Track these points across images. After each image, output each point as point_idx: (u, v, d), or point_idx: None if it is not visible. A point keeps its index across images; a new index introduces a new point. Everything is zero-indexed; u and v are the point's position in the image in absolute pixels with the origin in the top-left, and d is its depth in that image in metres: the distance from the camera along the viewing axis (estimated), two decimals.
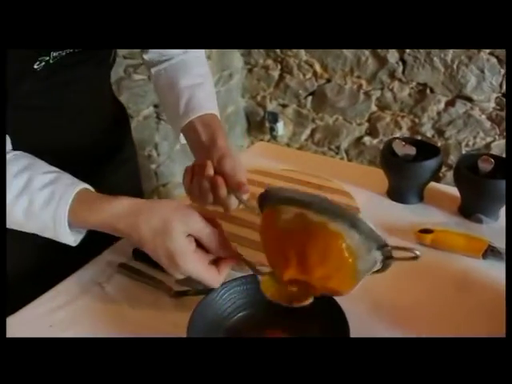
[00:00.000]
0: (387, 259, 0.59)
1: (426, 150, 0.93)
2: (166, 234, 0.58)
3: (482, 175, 0.85)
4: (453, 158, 1.98)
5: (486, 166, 0.85)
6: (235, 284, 0.69)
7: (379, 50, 1.93)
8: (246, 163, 1.12)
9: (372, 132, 2.12)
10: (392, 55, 1.92)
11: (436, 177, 0.93)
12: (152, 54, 0.90)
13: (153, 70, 0.91)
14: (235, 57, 2.25)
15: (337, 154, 2.25)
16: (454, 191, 0.94)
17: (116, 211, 0.60)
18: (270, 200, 0.61)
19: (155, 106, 1.90)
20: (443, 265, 0.80)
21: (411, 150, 0.89)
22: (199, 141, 0.77)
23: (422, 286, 0.76)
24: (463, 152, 1.95)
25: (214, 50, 2.10)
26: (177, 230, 0.58)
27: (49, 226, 0.61)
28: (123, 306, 0.75)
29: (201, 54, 0.93)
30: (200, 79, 0.86)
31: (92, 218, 0.60)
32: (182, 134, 0.83)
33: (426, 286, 0.76)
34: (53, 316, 0.74)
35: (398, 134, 2.06)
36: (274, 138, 2.37)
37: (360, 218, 0.56)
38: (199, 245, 0.62)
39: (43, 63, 0.68)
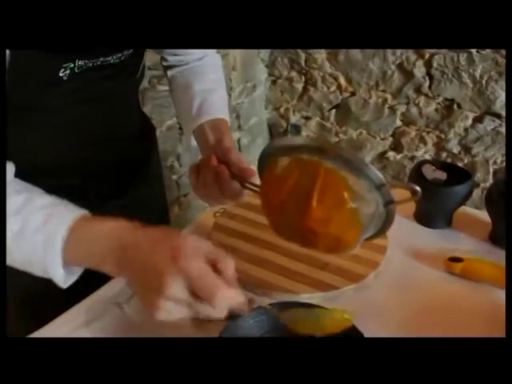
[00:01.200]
0: (388, 204, 0.59)
1: (457, 173, 0.90)
2: (159, 292, 0.48)
3: None
4: (479, 176, 1.93)
5: None
6: (260, 312, 0.67)
7: (405, 64, 1.90)
8: None
9: (396, 147, 2.08)
10: (419, 70, 1.88)
11: (467, 201, 0.90)
12: (171, 62, 0.93)
13: (169, 73, 0.94)
14: (259, 68, 2.24)
15: None
16: (484, 215, 0.91)
17: (103, 250, 0.54)
18: (266, 158, 0.64)
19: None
20: (473, 296, 0.77)
21: (442, 176, 0.86)
22: (207, 142, 0.80)
23: (451, 317, 0.73)
24: (491, 170, 1.90)
25: (238, 61, 2.09)
26: (172, 288, 0.48)
27: (37, 254, 0.55)
28: (142, 329, 0.74)
29: (216, 61, 0.96)
30: (213, 85, 0.90)
31: (81, 257, 0.55)
32: (192, 136, 0.86)
33: (456, 317, 0.73)
34: (72, 336, 0.73)
35: (423, 150, 2.02)
36: None
37: (355, 154, 0.57)
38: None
39: (68, 70, 0.67)
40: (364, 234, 0.65)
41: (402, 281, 0.80)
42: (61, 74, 0.67)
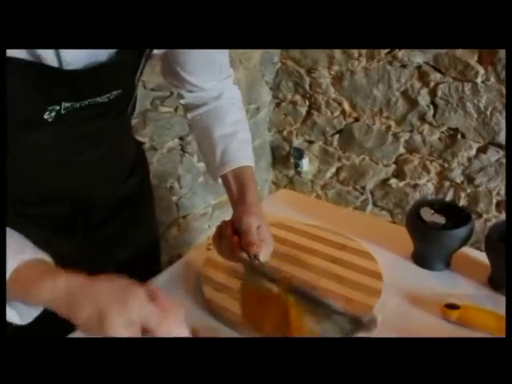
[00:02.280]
0: (355, 323, 0.61)
1: (456, 214, 0.88)
2: (102, 327, 0.50)
3: None
4: (482, 207, 1.91)
5: None
6: None
7: (410, 92, 1.89)
8: (267, 212, 1.10)
9: (399, 174, 2.06)
10: (423, 98, 1.87)
11: (466, 243, 0.88)
12: (188, 99, 0.91)
13: (189, 116, 0.93)
14: (264, 90, 2.24)
15: (362, 194, 2.20)
16: (484, 258, 0.88)
17: (51, 296, 0.53)
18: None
19: (180, 139, 1.89)
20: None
21: (440, 219, 0.84)
22: (231, 194, 0.84)
23: None
24: (494, 201, 1.88)
25: (242, 83, 2.09)
26: (113, 323, 0.50)
27: None
28: None
29: (236, 100, 0.94)
30: (234, 128, 0.88)
31: (30, 299, 0.55)
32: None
33: None
34: None
35: (426, 179, 2.00)
36: (298, 173, 2.33)
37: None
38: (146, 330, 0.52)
39: (54, 113, 0.66)
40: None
41: (396, 326, 0.77)
42: (45, 117, 0.65)
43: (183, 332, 0.52)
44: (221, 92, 0.90)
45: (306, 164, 2.27)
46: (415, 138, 1.96)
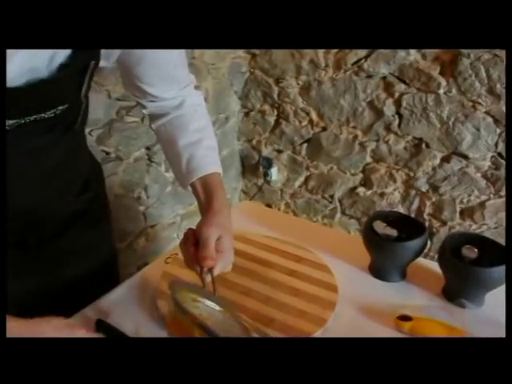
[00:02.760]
0: None
1: (411, 226, 0.89)
2: None
3: (467, 262, 0.82)
4: (446, 214, 1.94)
5: (470, 253, 0.81)
6: None
7: (376, 102, 1.91)
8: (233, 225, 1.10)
9: (366, 183, 2.09)
10: (388, 108, 1.90)
11: (420, 255, 0.89)
12: (150, 109, 0.91)
13: (153, 126, 0.92)
14: (232, 100, 2.24)
15: (330, 203, 2.22)
16: (439, 269, 0.90)
17: None
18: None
19: (147, 149, 1.88)
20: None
21: (392, 232, 0.85)
22: (200, 202, 0.84)
23: None
24: (457, 209, 1.91)
25: (210, 93, 2.09)
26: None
27: None
28: None
29: (198, 104, 0.92)
30: (198, 135, 0.88)
31: None
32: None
33: None
34: None
35: (392, 187, 2.03)
36: (267, 182, 2.34)
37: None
38: None
39: None
40: None
41: (350, 335, 0.78)
42: None
43: None
44: (182, 100, 0.90)
45: (275, 173, 2.28)
46: (381, 147, 1.98)
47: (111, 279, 1.02)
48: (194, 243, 0.75)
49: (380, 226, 0.85)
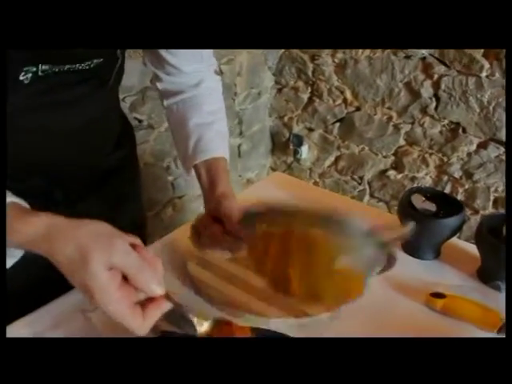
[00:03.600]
0: (383, 245, 0.57)
1: (449, 204, 0.87)
2: (83, 267, 0.48)
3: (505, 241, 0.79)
4: (479, 203, 1.90)
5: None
6: None
7: (413, 84, 1.87)
8: (260, 194, 1.09)
9: (398, 166, 2.05)
10: (426, 90, 1.85)
11: (457, 234, 0.87)
12: (165, 84, 0.88)
13: (165, 103, 0.90)
14: (266, 76, 2.22)
15: (359, 184, 2.19)
16: (475, 250, 0.87)
17: (33, 233, 0.51)
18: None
19: None
20: (451, 335, 0.73)
21: (431, 207, 0.83)
22: (202, 185, 0.83)
23: None
24: (491, 197, 1.87)
25: (244, 67, 2.07)
26: (95, 264, 0.48)
27: None
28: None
29: (215, 89, 0.91)
30: (210, 118, 0.86)
31: (11, 238, 0.52)
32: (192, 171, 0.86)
33: None
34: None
35: (424, 172, 1.98)
36: (297, 160, 2.32)
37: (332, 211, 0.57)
38: (126, 279, 0.51)
39: (30, 74, 0.64)
40: (366, 278, 0.63)
41: (379, 312, 0.77)
42: (21, 78, 0.63)
43: (159, 289, 0.51)
44: (200, 80, 0.87)
45: (305, 151, 2.25)
46: (416, 130, 1.94)
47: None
48: (212, 223, 0.74)
49: (419, 200, 0.83)
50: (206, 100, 0.87)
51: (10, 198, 0.55)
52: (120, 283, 0.50)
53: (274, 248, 0.62)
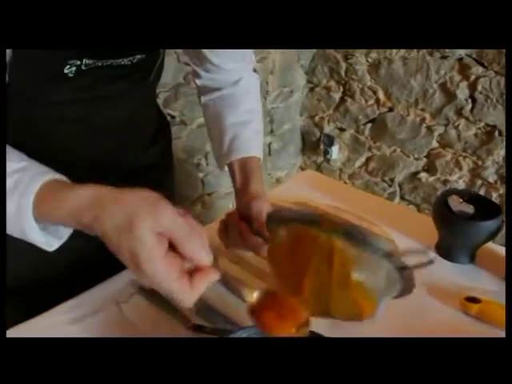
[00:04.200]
0: (402, 270, 0.56)
1: (486, 206, 0.85)
2: (130, 232, 0.46)
3: None
4: None
5: None
6: (254, 330, 0.64)
7: (449, 85, 1.83)
8: (291, 192, 1.08)
9: (430, 169, 2.02)
10: (462, 91, 1.82)
11: (494, 238, 0.85)
12: (204, 81, 0.89)
13: (203, 99, 0.90)
14: (298, 74, 2.21)
15: (390, 186, 2.16)
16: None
17: (78, 202, 0.50)
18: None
19: None
20: None
21: (469, 209, 0.81)
22: (235, 183, 0.82)
23: None
24: None
25: (277, 66, 2.07)
26: (143, 228, 0.46)
27: (12, 220, 0.52)
28: (137, 330, 0.72)
29: (252, 86, 0.91)
30: (247, 116, 0.86)
31: (55, 211, 0.51)
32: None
33: None
34: (64, 329, 0.72)
35: (457, 175, 1.95)
36: (327, 161, 2.31)
37: (358, 227, 0.54)
38: (173, 247, 0.49)
39: (74, 67, 0.65)
40: (380, 300, 0.62)
41: (411, 314, 0.75)
42: (66, 71, 0.65)
43: (207, 258, 0.49)
44: (239, 78, 0.88)
45: (335, 151, 2.24)
46: (450, 132, 1.91)
47: None
48: (239, 221, 0.74)
49: (456, 202, 0.81)
50: (244, 98, 0.87)
51: (55, 175, 0.54)
52: (167, 251, 0.48)
53: (294, 253, 0.62)
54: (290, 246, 0.61)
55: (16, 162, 0.55)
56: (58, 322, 0.73)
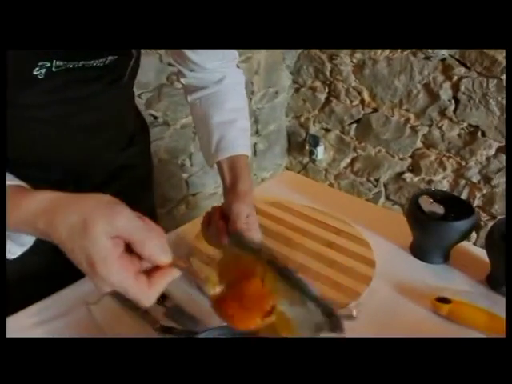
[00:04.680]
0: (330, 315, 0.56)
1: (460, 207, 0.85)
2: (85, 235, 0.46)
3: None
4: (497, 208, 1.85)
5: None
6: (218, 332, 0.64)
7: (432, 85, 1.83)
8: (269, 193, 1.08)
9: (414, 169, 2.02)
10: (445, 92, 1.82)
11: (467, 238, 0.85)
12: (188, 79, 0.89)
13: (189, 98, 0.90)
14: (284, 74, 2.21)
15: (375, 186, 2.16)
16: (485, 255, 0.85)
17: (34, 207, 0.49)
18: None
19: None
20: None
21: (439, 209, 0.81)
22: (224, 182, 0.83)
23: None
24: None
25: (262, 66, 2.06)
26: (97, 231, 0.46)
27: None
28: (105, 333, 0.72)
29: (238, 85, 0.91)
30: (233, 115, 0.86)
31: (11, 216, 0.50)
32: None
33: None
34: (31, 332, 0.71)
35: (441, 175, 1.95)
36: (312, 161, 2.30)
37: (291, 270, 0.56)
38: (130, 250, 0.49)
39: (44, 69, 0.64)
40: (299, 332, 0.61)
41: (383, 316, 0.75)
42: (35, 73, 0.63)
43: (165, 257, 0.49)
44: (223, 76, 0.88)
45: (321, 152, 2.24)
46: (434, 132, 1.91)
47: None
48: (220, 218, 0.75)
49: (427, 202, 0.81)
50: (228, 96, 0.87)
51: (14, 181, 0.54)
52: (122, 252, 0.48)
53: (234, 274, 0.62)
54: (233, 266, 0.61)
55: None
56: (25, 325, 0.72)
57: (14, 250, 0.57)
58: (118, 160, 0.89)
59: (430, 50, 1.79)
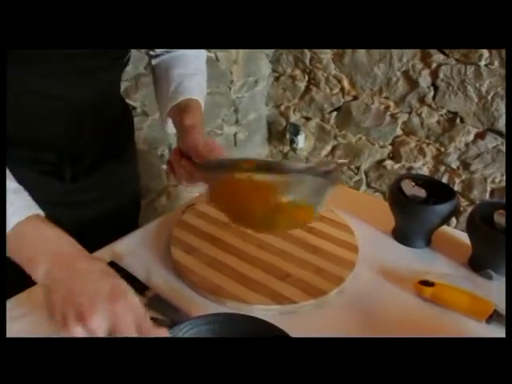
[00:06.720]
0: (326, 174, 0.63)
1: (441, 191, 0.85)
2: (82, 321, 0.52)
3: (498, 229, 0.77)
4: (476, 194, 1.87)
5: (502, 220, 0.76)
6: (200, 322, 0.63)
7: (411, 73, 1.84)
8: None
9: (394, 156, 2.03)
10: (424, 79, 1.83)
11: (448, 222, 0.85)
12: (157, 51, 0.93)
13: (153, 62, 0.94)
14: (263, 63, 2.19)
15: (356, 174, 2.17)
16: (467, 239, 0.85)
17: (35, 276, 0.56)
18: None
19: None
20: (439, 324, 0.72)
21: (421, 193, 0.81)
22: (175, 123, 0.84)
23: None
24: (488, 188, 1.85)
25: (240, 55, 2.04)
26: (95, 320, 0.52)
27: None
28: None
29: (201, 56, 0.94)
30: (194, 71, 0.89)
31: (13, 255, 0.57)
32: (168, 123, 0.87)
33: None
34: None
35: (421, 162, 1.96)
36: (293, 150, 2.30)
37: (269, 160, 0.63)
38: None
39: None
40: (315, 205, 0.67)
41: (367, 300, 0.75)
42: None
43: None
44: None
45: (301, 140, 2.23)
46: (413, 119, 1.92)
47: (133, 222, 1.04)
48: (182, 157, 0.76)
49: (408, 186, 0.81)
50: (192, 59, 0.91)
51: (33, 211, 0.59)
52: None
53: (229, 195, 0.68)
54: (225, 189, 0.66)
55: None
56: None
57: None
58: (107, 141, 0.90)
59: None
